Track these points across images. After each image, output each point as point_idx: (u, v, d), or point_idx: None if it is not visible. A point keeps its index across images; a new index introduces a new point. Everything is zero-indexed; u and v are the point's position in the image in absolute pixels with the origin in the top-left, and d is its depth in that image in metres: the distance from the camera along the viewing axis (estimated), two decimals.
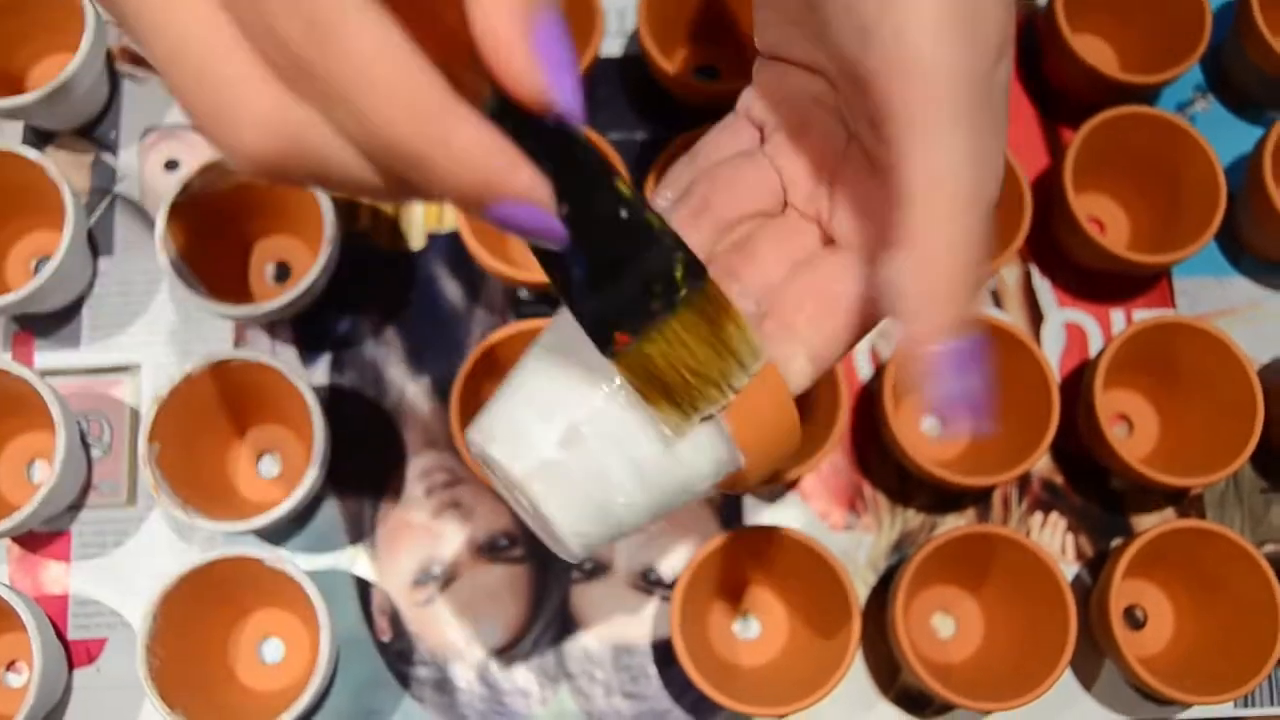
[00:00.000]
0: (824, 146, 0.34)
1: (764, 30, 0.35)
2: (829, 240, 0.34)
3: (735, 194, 0.35)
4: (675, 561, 0.57)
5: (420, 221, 0.61)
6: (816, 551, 0.52)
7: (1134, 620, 0.57)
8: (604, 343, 0.28)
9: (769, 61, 0.36)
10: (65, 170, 0.60)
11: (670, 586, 0.57)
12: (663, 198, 0.35)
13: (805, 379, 0.32)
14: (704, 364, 0.29)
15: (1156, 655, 0.56)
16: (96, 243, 0.60)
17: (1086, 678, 0.57)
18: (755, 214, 0.35)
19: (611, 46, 0.63)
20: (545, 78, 0.24)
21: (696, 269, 0.28)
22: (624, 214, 0.26)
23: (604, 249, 0.27)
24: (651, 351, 0.28)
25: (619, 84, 0.63)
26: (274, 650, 0.55)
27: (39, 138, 0.62)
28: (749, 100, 0.36)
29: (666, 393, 0.29)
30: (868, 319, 0.32)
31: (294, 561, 0.51)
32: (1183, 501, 0.59)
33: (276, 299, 0.54)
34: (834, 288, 0.32)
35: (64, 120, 0.60)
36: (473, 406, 0.54)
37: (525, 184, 0.24)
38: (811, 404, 0.56)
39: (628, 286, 0.27)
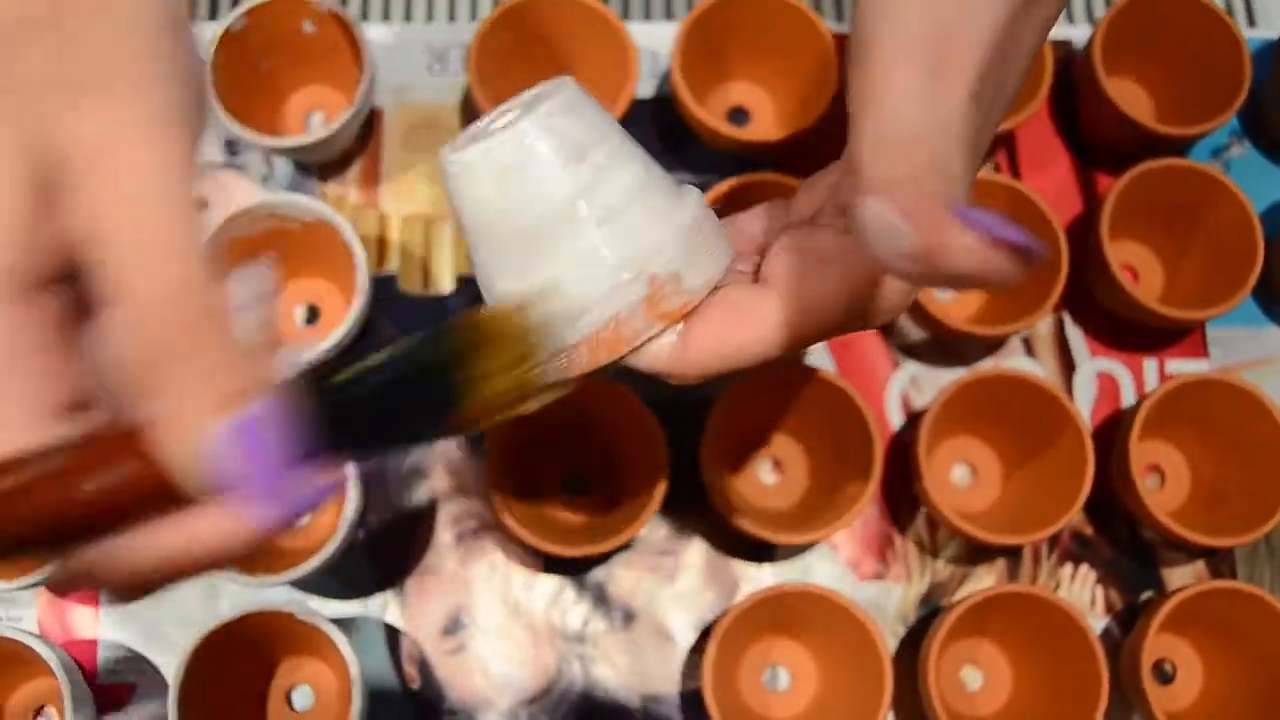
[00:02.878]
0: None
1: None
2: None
3: None
4: (702, 611, 0.57)
5: (449, 264, 0.61)
6: (851, 612, 0.51)
7: (1163, 675, 0.57)
8: (448, 433, 0.30)
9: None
10: None
11: (699, 637, 0.57)
12: None
13: (666, 363, 0.35)
14: (516, 370, 0.30)
15: (1185, 710, 0.56)
16: None
17: None
18: None
19: (643, 88, 0.63)
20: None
21: (440, 345, 0.29)
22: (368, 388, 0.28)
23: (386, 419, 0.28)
24: (475, 404, 0.29)
25: (650, 126, 0.63)
26: (304, 698, 0.55)
27: None
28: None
29: (519, 401, 0.30)
30: (744, 345, 0.34)
31: (325, 618, 0.51)
32: (1215, 555, 0.59)
33: (308, 352, 0.53)
34: (732, 298, 0.35)
35: None
36: (507, 457, 0.53)
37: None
38: (845, 457, 0.56)
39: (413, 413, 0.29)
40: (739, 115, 0.63)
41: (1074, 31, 0.65)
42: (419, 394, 0.29)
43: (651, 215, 0.35)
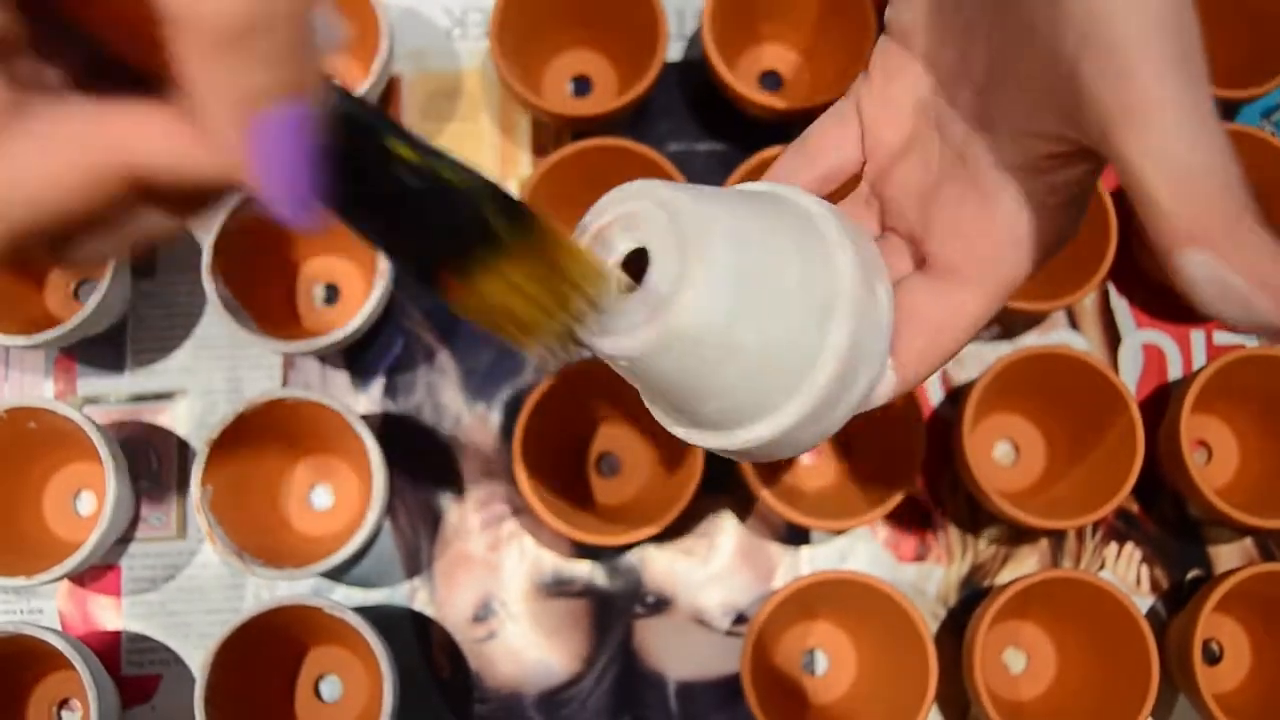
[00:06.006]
0: (924, 166, 0.32)
1: (905, 10, 0.33)
2: (921, 260, 0.32)
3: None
4: (737, 594, 0.56)
5: None
6: (893, 599, 0.50)
7: (1210, 655, 0.56)
8: (433, 286, 0.28)
9: (891, 47, 0.33)
10: None
11: (734, 621, 0.55)
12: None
13: (891, 394, 0.32)
14: (541, 295, 0.28)
15: (1232, 691, 0.55)
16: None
17: (1159, 713, 0.55)
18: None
19: (670, 50, 0.60)
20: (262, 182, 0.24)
21: (513, 210, 0.27)
22: (414, 180, 0.26)
23: (404, 215, 0.27)
24: (485, 290, 0.28)
25: (678, 91, 0.60)
26: (333, 688, 0.54)
27: None
28: (860, 89, 0.34)
29: (514, 323, 0.28)
30: (956, 344, 0.32)
31: (353, 610, 0.49)
32: (1260, 532, 0.57)
33: (331, 335, 0.52)
34: (927, 311, 0.31)
35: None
36: (536, 442, 0.52)
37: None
38: (885, 437, 0.54)
39: (438, 238, 0.27)
40: (771, 80, 0.61)
41: None
42: (445, 214, 0.27)
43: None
